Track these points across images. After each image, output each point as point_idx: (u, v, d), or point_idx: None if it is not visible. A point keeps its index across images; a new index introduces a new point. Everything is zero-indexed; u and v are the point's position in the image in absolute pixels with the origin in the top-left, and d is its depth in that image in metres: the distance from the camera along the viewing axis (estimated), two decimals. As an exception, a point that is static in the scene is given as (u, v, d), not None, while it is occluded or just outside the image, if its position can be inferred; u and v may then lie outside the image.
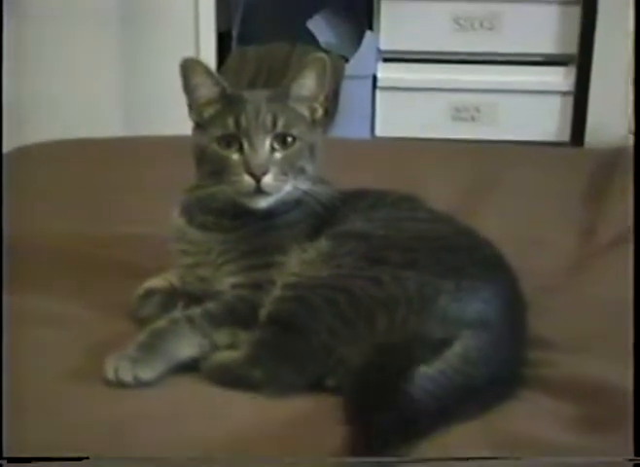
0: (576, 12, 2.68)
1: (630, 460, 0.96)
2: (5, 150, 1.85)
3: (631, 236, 1.29)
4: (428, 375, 1.04)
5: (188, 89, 1.24)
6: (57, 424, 1.03)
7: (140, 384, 1.10)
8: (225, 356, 1.14)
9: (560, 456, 0.95)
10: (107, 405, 1.07)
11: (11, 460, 0.96)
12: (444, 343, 1.07)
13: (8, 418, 1.00)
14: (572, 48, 2.70)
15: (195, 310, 1.18)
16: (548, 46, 2.71)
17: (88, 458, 0.94)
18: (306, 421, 1.05)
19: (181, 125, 1.31)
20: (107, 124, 2.34)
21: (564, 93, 2.72)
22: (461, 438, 1.00)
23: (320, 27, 2.68)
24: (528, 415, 1.06)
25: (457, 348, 1.07)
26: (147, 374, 1.10)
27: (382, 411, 0.98)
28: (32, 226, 1.56)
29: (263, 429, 1.03)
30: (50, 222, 1.57)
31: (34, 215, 1.61)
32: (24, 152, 1.89)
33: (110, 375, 1.10)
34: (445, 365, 1.05)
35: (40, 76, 2.39)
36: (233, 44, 2.72)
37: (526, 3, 2.69)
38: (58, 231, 1.53)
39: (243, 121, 1.20)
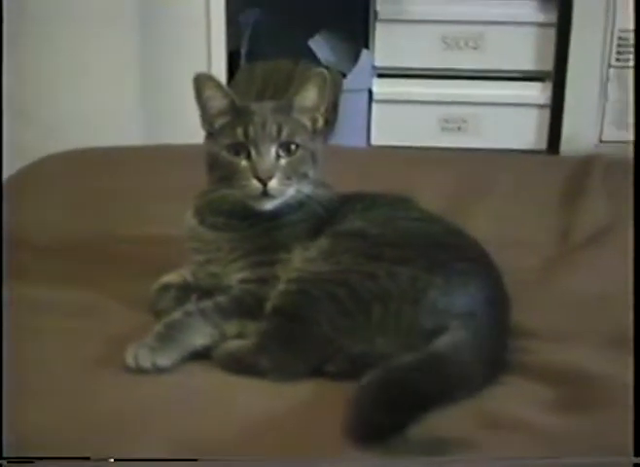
0: (551, 33, 2.68)
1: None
2: (32, 159, 1.85)
3: (631, 237, 1.27)
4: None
5: (200, 101, 1.23)
6: (81, 407, 1.02)
7: (158, 370, 1.09)
8: (234, 345, 1.13)
9: (560, 456, 0.92)
10: (128, 389, 1.07)
11: (11, 460, 0.91)
12: (435, 333, 1.07)
13: (8, 419, 0.96)
14: (548, 65, 2.71)
15: (207, 303, 1.17)
16: (526, 63, 2.71)
17: (88, 458, 0.90)
18: (308, 404, 1.04)
19: (194, 134, 1.30)
20: (126, 133, 2.33)
21: (541, 106, 2.72)
22: (451, 419, 0.99)
23: (320, 46, 2.67)
24: (510, 398, 1.05)
25: (447, 337, 1.06)
26: (164, 361, 1.10)
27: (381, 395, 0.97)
28: (61, 227, 1.55)
29: (269, 411, 1.03)
30: (76, 223, 1.57)
31: (63, 217, 1.61)
32: (52, 160, 1.88)
33: (130, 361, 1.09)
34: (438, 352, 1.05)
35: (62, 87, 2.39)
36: (242, 61, 2.71)
37: (507, 25, 2.68)
38: (83, 231, 1.53)
39: (251, 130, 1.19)
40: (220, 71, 2.47)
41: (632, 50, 2.61)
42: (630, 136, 2.61)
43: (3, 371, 1.04)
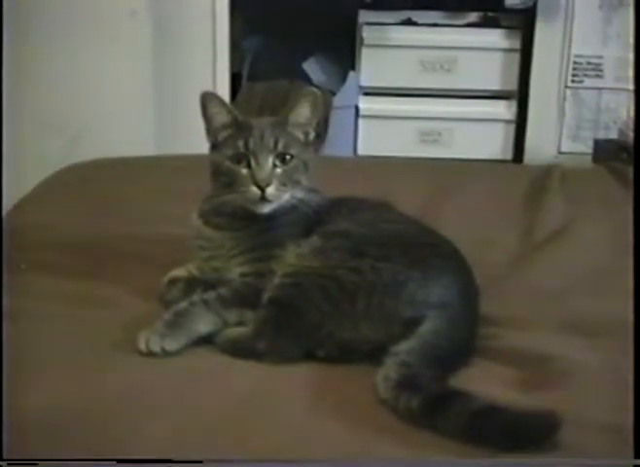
0: (516, 57, 2.69)
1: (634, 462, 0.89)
2: (58, 167, 1.83)
3: (632, 237, 1.25)
4: (408, 346, 1.03)
5: (206, 116, 1.22)
6: (95, 386, 1.01)
7: (166, 354, 1.08)
8: (234, 331, 1.12)
9: (559, 456, 0.88)
10: (139, 370, 1.05)
11: (11, 462, 0.86)
12: (414, 322, 1.06)
13: (7, 419, 0.92)
14: (513, 85, 2.72)
15: (211, 294, 1.15)
16: (494, 84, 2.72)
17: (87, 459, 0.86)
18: (300, 383, 1.03)
19: (200, 145, 1.29)
20: (140, 144, 2.33)
21: (507, 121, 2.73)
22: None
23: (313, 68, 2.67)
24: (480, 379, 1.04)
25: (427, 326, 1.06)
26: (172, 345, 1.09)
27: None
28: (82, 227, 1.54)
29: (265, 388, 1.02)
30: (95, 224, 1.55)
31: (84, 219, 1.59)
32: (75, 168, 1.87)
33: (142, 346, 1.08)
34: (421, 338, 1.04)
35: (85, 104, 2.40)
36: (244, 81, 2.71)
37: (477, 50, 2.69)
38: (101, 231, 1.51)
39: (251, 142, 1.18)
40: (224, 90, 2.47)
41: (585, 73, 2.63)
42: (584, 148, 2.63)
43: (3, 371, 1.00)
